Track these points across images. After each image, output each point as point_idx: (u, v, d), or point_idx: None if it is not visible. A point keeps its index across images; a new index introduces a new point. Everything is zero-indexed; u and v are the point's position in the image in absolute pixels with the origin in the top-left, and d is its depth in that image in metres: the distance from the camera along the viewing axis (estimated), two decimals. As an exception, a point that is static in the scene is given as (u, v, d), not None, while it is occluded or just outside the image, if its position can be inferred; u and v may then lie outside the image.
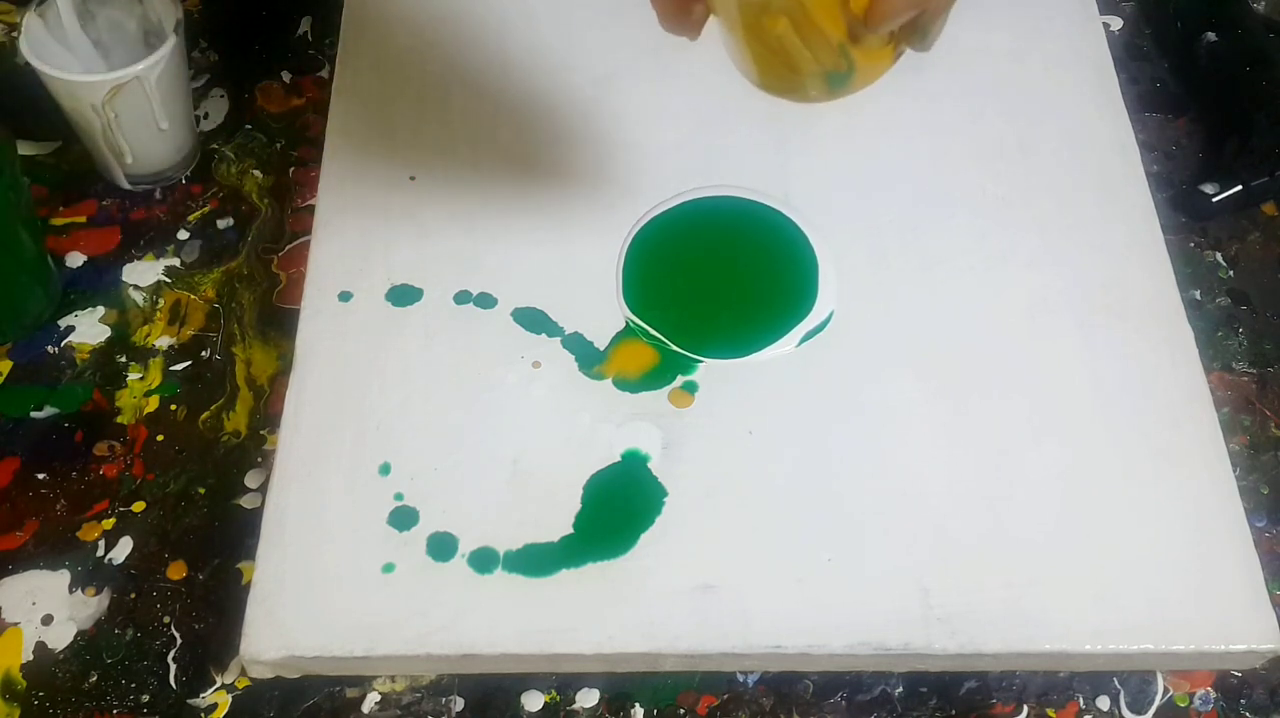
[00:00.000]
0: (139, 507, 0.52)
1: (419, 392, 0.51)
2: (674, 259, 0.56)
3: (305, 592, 0.46)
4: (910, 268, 0.55)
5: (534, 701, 0.49)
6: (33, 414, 0.55)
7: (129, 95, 0.56)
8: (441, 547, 0.48)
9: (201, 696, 0.48)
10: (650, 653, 0.46)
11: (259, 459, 0.53)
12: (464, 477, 0.49)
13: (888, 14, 0.39)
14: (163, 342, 0.57)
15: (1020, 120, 0.60)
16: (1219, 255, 0.61)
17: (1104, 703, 0.49)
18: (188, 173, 0.62)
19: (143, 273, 0.59)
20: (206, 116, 0.64)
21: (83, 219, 0.61)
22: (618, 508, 0.49)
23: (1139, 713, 0.49)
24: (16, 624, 0.50)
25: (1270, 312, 0.59)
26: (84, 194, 0.62)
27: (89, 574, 0.51)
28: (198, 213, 0.61)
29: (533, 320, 0.54)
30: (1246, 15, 0.67)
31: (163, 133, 0.59)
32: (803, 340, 0.53)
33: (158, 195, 0.62)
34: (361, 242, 0.56)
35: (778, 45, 0.41)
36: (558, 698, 0.49)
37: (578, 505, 0.49)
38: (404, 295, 0.54)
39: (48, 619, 0.50)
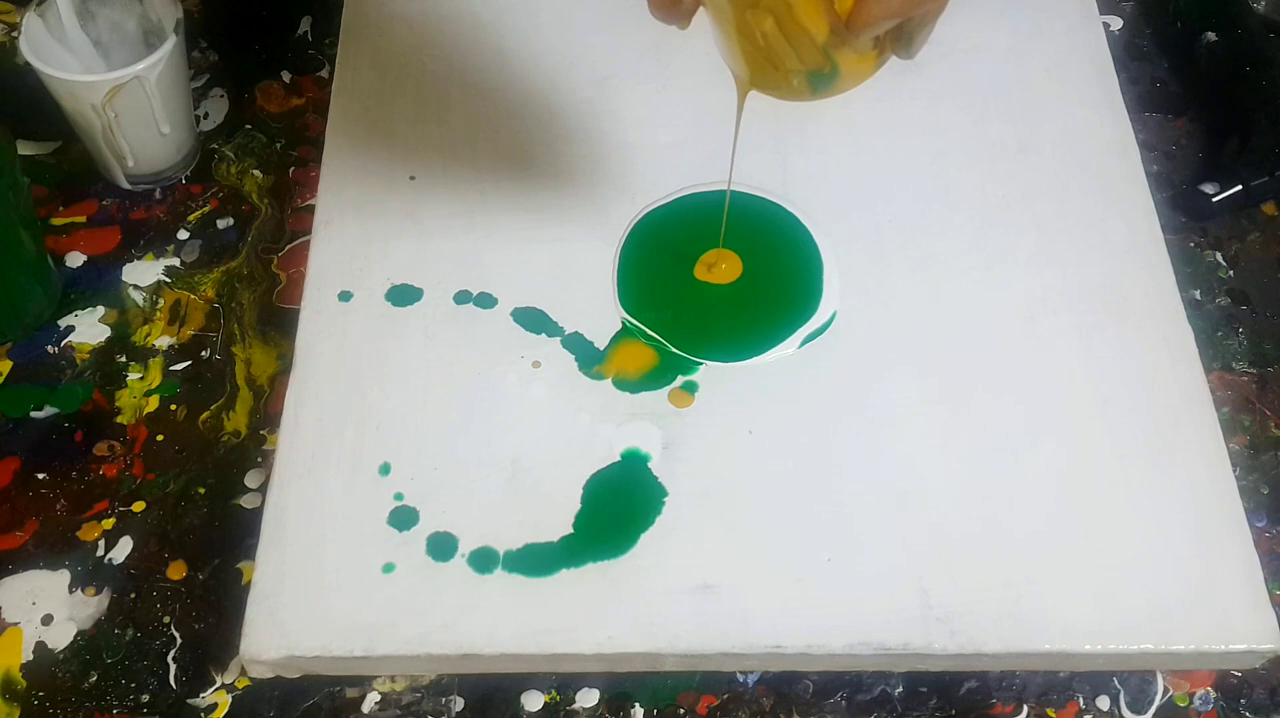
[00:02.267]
0: (139, 507, 0.52)
1: (419, 392, 0.51)
2: (672, 257, 0.56)
3: (305, 592, 0.46)
4: (910, 268, 0.55)
5: (534, 701, 0.49)
6: (33, 414, 0.55)
7: (129, 95, 0.56)
8: (441, 547, 0.48)
9: (201, 696, 0.48)
10: (650, 653, 0.46)
11: (259, 459, 0.53)
12: (464, 477, 0.49)
13: (870, 20, 0.39)
14: (163, 342, 0.57)
15: (1020, 120, 0.60)
16: (1219, 255, 0.61)
17: (1104, 703, 0.49)
18: (188, 173, 0.62)
19: (143, 273, 0.59)
20: (206, 116, 0.64)
21: (83, 219, 0.61)
22: (618, 508, 0.49)
23: (1139, 713, 0.49)
24: (16, 624, 0.50)
25: (1270, 312, 0.59)
26: (84, 194, 0.62)
27: (89, 574, 0.51)
28: (198, 213, 0.61)
29: (533, 320, 0.54)
30: (1246, 15, 0.67)
31: (163, 134, 0.59)
32: (805, 342, 0.53)
33: (158, 195, 0.62)
34: (361, 241, 0.56)
35: (763, 43, 0.41)
36: (558, 698, 0.49)
37: (578, 505, 0.49)
38: (404, 295, 0.54)
39: (48, 619, 0.50)
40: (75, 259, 0.59)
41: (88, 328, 0.57)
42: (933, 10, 0.40)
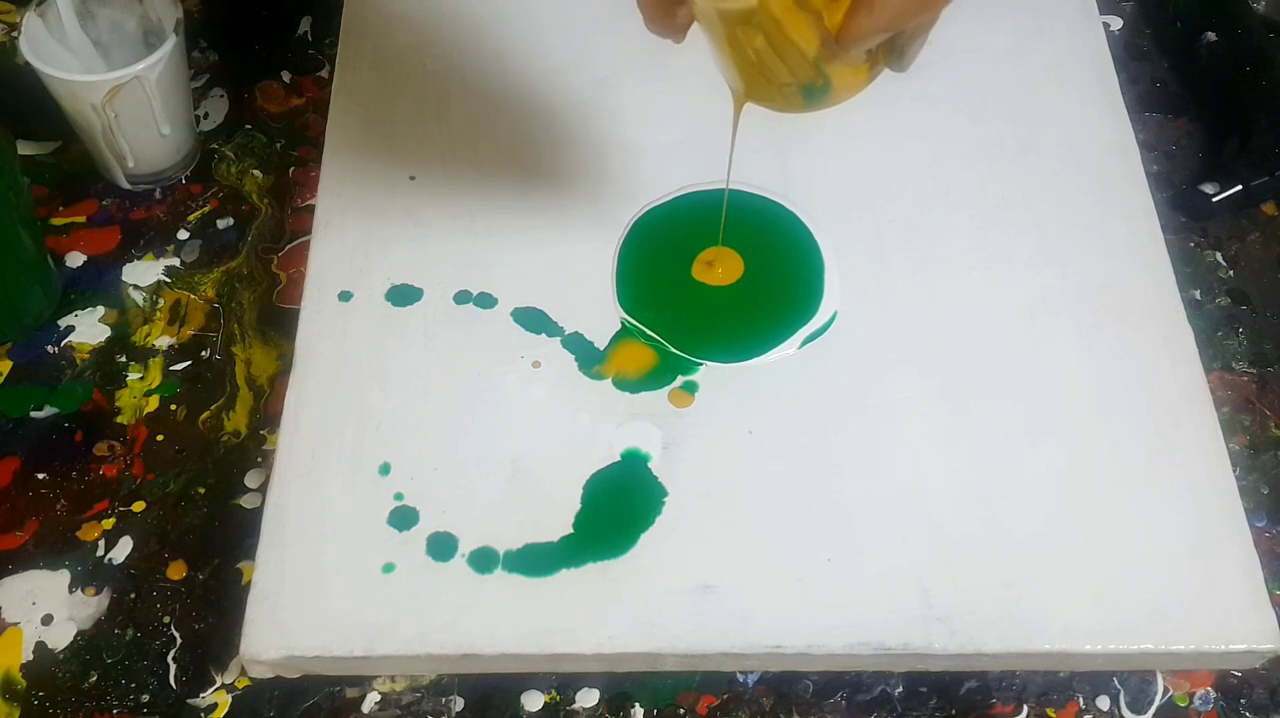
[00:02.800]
0: (139, 507, 0.52)
1: (419, 392, 0.51)
2: (672, 257, 0.56)
3: (305, 592, 0.47)
4: (910, 268, 0.55)
5: (534, 701, 0.49)
6: (33, 414, 0.55)
7: (129, 95, 0.56)
8: (441, 547, 0.48)
9: (201, 696, 0.48)
10: (650, 653, 0.46)
11: (259, 459, 0.54)
12: (464, 477, 0.49)
13: (860, 35, 0.39)
14: (163, 342, 0.57)
15: (1020, 120, 0.60)
16: (1219, 255, 0.61)
17: (1104, 703, 0.49)
18: (188, 173, 0.62)
19: (143, 273, 0.59)
20: (206, 116, 0.64)
21: (83, 219, 0.61)
22: (618, 508, 0.49)
23: (1139, 713, 0.49)
24: (16, 624, 0.50)
25: (1270, 312, 0.59)
26: (84, 194, 0.62)
27: (89, 574, 0.51)
28: (198, 213, 0.61)
29: (533, 320, 0.54)
30: (1246, 15, 0.67)
31: (163, 134, 0.59)
32: (805, 342, 0.53)
33: (158, 195, 0.62)
34: (361, 241, 0.56)
35: (756, 58, 0.41)
36: (558, 698, 0.49)
37: (578, 505, 0.49)
38: (404, 295, 0.54)
39: (48, 619, 0.50)
40: (75, 259, 0.59)
41: (88, 328, 0.57)
42: (924, 23, 0.40)
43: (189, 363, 0.56)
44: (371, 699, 0.49)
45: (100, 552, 0.51)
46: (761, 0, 0.40)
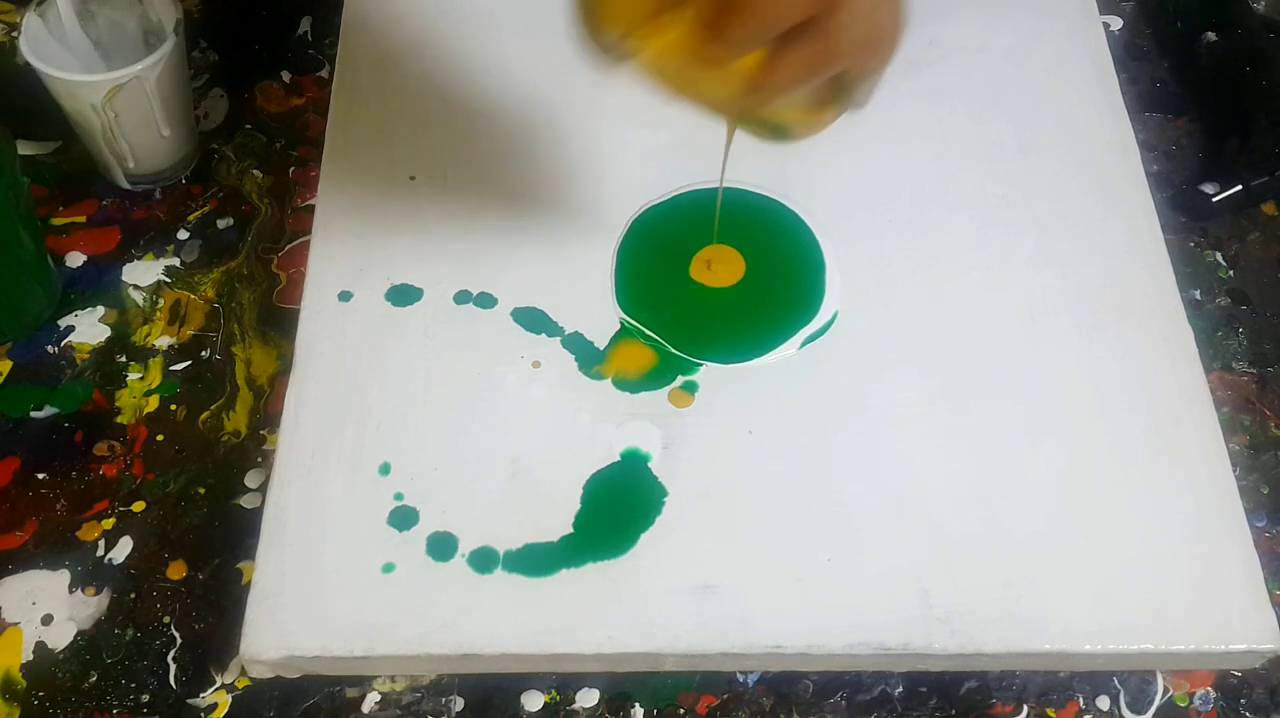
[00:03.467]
0: (139, 507, 0.52)
1: (419, 392, 0.51)
2: (673, 257, 0.56)
3: (305, 592, 0.46)
4: (910, 268, 0.55)
5: (534, 701, 0.49)
6: (33, 414, 0.55)
7: (129, 95, 0.56)
8: (441, 547, 0.48)
9: (201, 696, 0.48)
10: (650, 653, 0.46)
11: (259, 459, 0.54)
12: (464, 477, 0.49)
13: (775, 88, 0.39)
14: (163, 342, 0.57)
15: (1020, 120, 0.60)
16: (1219, 255, 0.61)
17: (1104, 703, 0.49)
18: (188, 173, 0.62)
19: (143, 273, 0.59)
20: (206, 116, 0.64)
21: (83, 219, 0.61)
22: (618, 508, 0.49)
23: (1139, 713, 0.49)
24: (16, 624, 0.50)
25: (1270, 312, 0.59)
26: (84, 194, 0.62)
27: (89, 574, 0.51)
28: (198, 213, 0.61)
29: (532, 320, 0.54)
30: (1246, 15, 0.67)
31: (163, 135, 0.59)
32: (806, 343, 0.53)
33: (158, 195, 0.62)
34: (361, 241, 0.56)
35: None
36: (558, 698, 0.49)
37: (578, 505, 0.49)
38: (404, 295, 0.54)
39: (48, 619, 0.50)
40: (75, 259, 0.59)
41: (88, 328, 0.57)
42: (871, 67, 0.40)
43: (189, 363, 0.56)
44: (371, 699, 0.49)
45: (100, 552, 0.51)
46: (672, 88, 0.41)
